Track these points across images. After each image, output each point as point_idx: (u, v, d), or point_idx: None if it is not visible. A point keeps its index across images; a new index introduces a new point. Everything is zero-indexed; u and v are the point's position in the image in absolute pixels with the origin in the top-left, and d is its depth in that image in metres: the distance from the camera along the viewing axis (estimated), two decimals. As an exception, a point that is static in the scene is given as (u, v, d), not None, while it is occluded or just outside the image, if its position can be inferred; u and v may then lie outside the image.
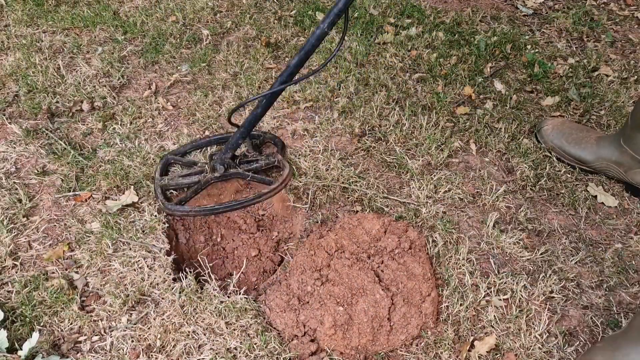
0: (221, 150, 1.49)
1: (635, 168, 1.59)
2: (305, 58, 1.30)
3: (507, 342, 1.29)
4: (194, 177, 1.52)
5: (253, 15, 2.36)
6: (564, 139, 1.71)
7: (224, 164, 1.48)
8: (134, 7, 2.36)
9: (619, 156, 1.61)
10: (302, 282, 1.34)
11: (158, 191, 1.48)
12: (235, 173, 1.51)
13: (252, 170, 1.53)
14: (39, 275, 1.34)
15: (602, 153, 1.64)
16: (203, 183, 1.49)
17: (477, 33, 2.35)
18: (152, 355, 1.21)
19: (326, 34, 1.26)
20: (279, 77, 1.32)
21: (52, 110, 1.81)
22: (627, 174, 1.61)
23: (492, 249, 1.50)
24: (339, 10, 1.22)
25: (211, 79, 2.00)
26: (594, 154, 1.66)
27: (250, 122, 1.41)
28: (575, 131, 1.72)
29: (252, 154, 1.58)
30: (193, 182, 1.51)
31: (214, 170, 1.48)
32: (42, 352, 1.20)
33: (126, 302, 1.30)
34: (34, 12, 2.27)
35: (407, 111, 1.89)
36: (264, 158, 1.57)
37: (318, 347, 1.26)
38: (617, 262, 1.49)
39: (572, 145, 1.69)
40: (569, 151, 1.69)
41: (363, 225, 1.44)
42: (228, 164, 1.48)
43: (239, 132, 1.44)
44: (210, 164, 1.49)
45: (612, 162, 1.63)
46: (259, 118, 1.40)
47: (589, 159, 1.67)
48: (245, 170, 1.52)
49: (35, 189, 1.56)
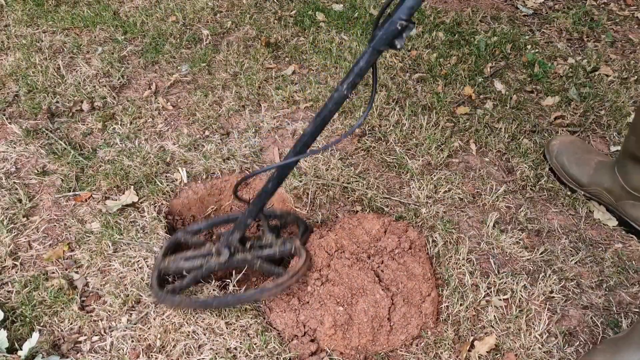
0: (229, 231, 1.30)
1: (624, 199, 1.52)
2: (322, 126, 1.11)
3: (507, 342, 1.29)
4: (197, 260, 1.31)
5: (253, 15, 2.36)
6: (566, 157, 1.65)
7: (230, 248, 1.28)
8: (134, 7, 2.36)
9: (611, 184, 1.54)
10: (302, 282, 1.34)
11: (154, 275, 1.30)
12: (242, 259, 1.30)
13: (263, 258, 1.32)
14: (39, 275, 1.34)
15: (597, 178, 1.57)
16: (205, 270, 1.29)
17: (477, 33, 2.35)
18: (152, 355, 1.21)
19: (346, 97, 1.06)
20: (293, 148, 1.14)
21: (52, 110, 1.81)
22: (618, 204, 1.54)
23: (492, 249, 1.50)
24: (360, 69, 1.02)
25: (211, 79, 2.01)
26: (589, 177, 1.59)
27: (260, 199, 1.22)
28: (580, 151, 1.65)
29: (268, 237, 1.36)
30: (195, 266, 1.31)
31: (219, 254, 1.29)
32: (42, 352, 1.20)
33: (126, 302, 1.30)
34: (34, 12, 2.27)
35: (407, 111, 1.89)
36: (279, 244, 1.34)
37: (318, 347, 1.26)
38: (617, 262, 1.49)
39: (572, 165, 1.63)
40: (568, 170, 1.64)
41: (363, 225, 1.44)
42: (235, 247, 1.29)
43: (247, 211, 1.25)
44: (216, 245, 1.31)
45: (604, 188, 1.56)
46: (270, 194, 1.22)
47: (584, 181, 1.61)
48: (255, 257, 1.30)
49: (35, 189, 1.57)
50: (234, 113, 1.87)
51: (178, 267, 1.32)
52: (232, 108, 1.88)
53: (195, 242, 1.39)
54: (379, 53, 1.01)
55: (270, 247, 1.34)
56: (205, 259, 1.30)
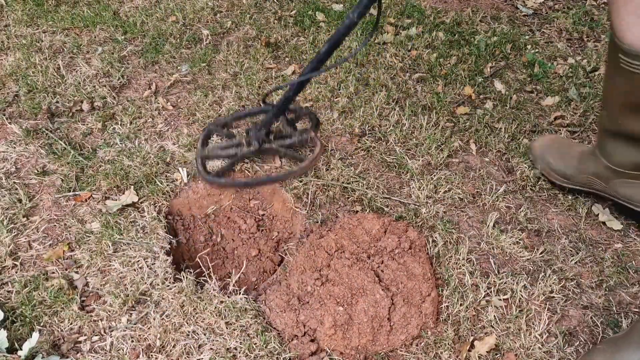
0: (257, 125, 1.55)
1: (613, 178, 1.52)
2: (335, 46, 1.30)
3: (507, 342, 1.29)
4: (231, 149, 1.57)
5: (253, 15, 2.36)
6: (550, 156, 1.66)
7: (259, 140, 1.52)
8: (134, 7, 2.36)
9: (595, 168, 1.54)
10: (302, 282, 1.34)
11: (198, 162, 1.51)
12: (269, 149, 1.56)
13: (286, 146, 1.57)
14: (39, 275, 1.34)
15: (583, 166, 1.58)
16: (240, 156, 1.57)
17: (477, 33, 2.35)
18: (152, 355, 1.21)
19: (355, 24, 1.25)
20: (309, 64, 1.34)
21: (52, 110, 1.81)
22: (609, 185, 1.54)
23: (492, 249, 1.50)
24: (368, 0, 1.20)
25: (211, 79, 2.00)
26: (575, 168, 1.60)
27: (283, 102, 1.45)
28: (561, 147, 1.68)
29: (287, 130, 1.60)
30: (230, 154, 1.57)
31: (250, 144, 1.54)
32: (42, 352, 1.20)
33: (126, 302, 1.30)
34: (34, 12, 2.27)
35: (407, 111, 1.89)
36: (297, 134, 1.58)
37: (318, 347, 1.26)
38: (617, 262, 1.49)
39: (557, 161, 1.64)
40: (554, 167, 1.64)
41: (363, 225, 1.44)
42: (262, 139, 1.53)
43: (271, 112, 1.49)
44: (246, 138, 1.55)
45: (591, 174, 1.56)
46: (290, 100, 1.44)
47: (571, 173, 1.61)
48: (279, 146, 1.56)
49: (35, 189, 1.56)
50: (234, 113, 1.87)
51: (217, 154, 1.57)
52: (232, 108, 1.88)
53: (226, 133, 1.65)
54: None
55: (290, 138, 1.58)
56: (238, 149, 1.55)
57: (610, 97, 1.39)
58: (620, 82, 1.30)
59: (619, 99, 1.34)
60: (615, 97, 1.36)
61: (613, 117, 1.40)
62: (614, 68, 1.29)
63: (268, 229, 1.63)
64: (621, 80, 1.29)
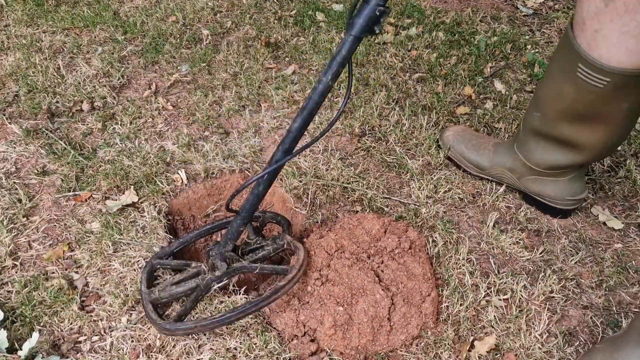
0: (219, 244, 1.26)
1: (527, 175, 1.55)
2: (309, 119, 1.10)
3: (507, 342, 1.29)
4: (190, 282, 1.25)
5: (253, 15, 2.36)
6: (463, 144, 1.68)
7: (225, 259, 1.24)
8: (134, 7, 2.36)
9: (512, 163, 1.58)
10: (302, 282, 1.34)
11: (149, 308, 1.23)
12: (240, 267, 1.25)
13: (259, 260, 1.30)
14: (39, 275, 1.34)
15: (498, 160, 1.61)
16: (204, 287, 1.23)
17: (477, 33, 2.35)
18: (152, 355, 1.21)
19: (330, 87, 1.07)
20: (280, 146, 1.12)
21: (52, 110, 1.81)
22: (520, 181, 1.58)
23: (492, 249, 1.50)
24: (342, 58, 1.05)
25: (211, 79, 2.01)
26: (490, 160, 1.63)
27: (252, 204, 1.19)
28: (474, 138, 1.70)
29: (255, 240, 1.33)
30: (190, 288, 1.24)
31: (214, 268, 1.23)
32: (42, 352, 1.20)
33: (126, 302, 1.30)
34: (34, 12, 2.27)
35: (407, 111, 1.89)
36: (270, 243, 1.33)
37: (318, 347, 1.26)
38: (617, 262, 1.49)
39: (471, 151, 1.66)
40: (467, 157, 1.67)
41: (363, 225, 1.44)
42: (230, 257, 1.25)
43: (239, 218, 1.22)
44: (208, 262, 1.26)
45: (506, 168, 1.59)
46: (261, 198, 1.19)
47: (485, 165, 1.64)
48: (251, 261, 1.28)
49: (35, 189, 1.57)
50: (234, 113, 1.87)
51: (172, 294, 1.25)
52: (232, 108, 1.88)
53: (176, 265, 1.34)
54: (359, 40, 1.05)
55: (262, 249, 1.32)
56: (199, 278, 1.25)
57: (551, 102, 1.36)
58: (570, 90, 1.28)
59: (561, 105, 1.33)
60: (557, 104, 1.34)
61: (547, 120, 1.40)
62: (565, 76, 1.27)
63: (268, 229, 1.63)
64: (571, 89, 1.28)
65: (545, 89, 1.38)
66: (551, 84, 1.35)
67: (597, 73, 1.19)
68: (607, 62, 1.16)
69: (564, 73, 1.28)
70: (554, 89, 1.34)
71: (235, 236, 1.24)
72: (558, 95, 1.33)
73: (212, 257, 1.25)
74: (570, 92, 1.28)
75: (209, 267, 1.25)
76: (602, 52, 1.16)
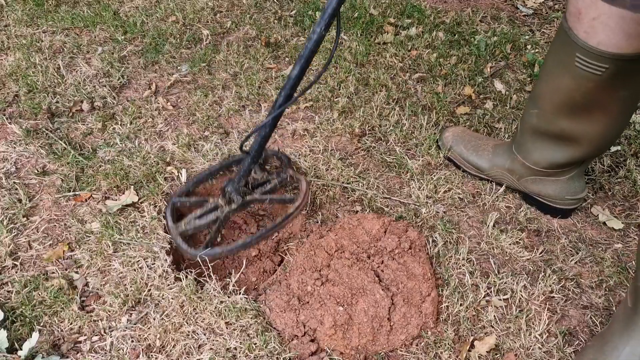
0: (233, 180, 1.41)
1: (526, 176, 1.56)
2: (306, 66, 1.23)
3: (507, 342, 1.29)
4: (210, 215, 1.42)
5: (253, 15, 2.36)
6: (463, 146, 1.69)
7: (240, 193, 1.40)
8: (134, 7, 2.36)
9: (511, 164, 1.58)
10: (302, 282, 1.34)
11: (179, 241, 1.39)
12: (253, 199, 1.43)
13: (268, 192, 1.47)
14: (39, 275, 1.34)
15: (497, 161, 1.61)
16: (223, 218, 1.41)
17: (477, 33, 2.35)
18: (152, 355, 1.21)
19: (323, 36, 1.20)
20: (282, 92, 1.25)
21: (52, 110, 1.81)
22: (520, 182, 1.59)
23: (492, 249, 1.50)
24: (332, 10, 1.19)
25: (211, 79, 2.01)
26: (489, 161, 1.63)
27: (260, 144, 1.35)
28: (474, 139, 1.70)
29: (262, 176, 1.49)
30: (212, 220, 1.41)
31: (231, 202, 1.40)
32: (42, 352, 1.20)
33: (126, 302, 1.30)
34: (34, 12, 2.27)
35: (407, 111, 1.89)
36: (275, 176, 1.49)
37: (318, 347, 1.26)
38: (617, 262, 1.49)
39: (470, 153, 1.66)
40: (467, 158, 1.67)
41: (363, 225, 1.44)
42: (244, 192, 1.41)
43: (249, 158, 1.37)
44: (225, 197, 1.41)
45: (505, 169, 1.60)
46: (267, 139, 1.34)
47: (485, 166, 1.64)
48: (262, 193, 1.45)
49: (35, 189, 1.57)
50: (234, 113, 1.87)
51: (196, 226, 1.41)
52: (232, 108, 1.88)
53: (195, 201, 1.49)
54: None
55: (269, 182, 1.48)
56: (219, 211, 1.41)
57: (549, 96, 1.37)
58: (568, 81, 1.29)
59: (560, 97, 1.33)
60: (555, 96, 1.35)
61: (546, 115, 1.41)
62: (563, 68, 1.28)
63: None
64: (568, 80, 1.28)
65: (543, 85, 1.38)
66: (548, 78, 1.35)
67: (596, 60, 1.20)
68: (606, 48, 1.17)
69: (562, 66, 1.28)
70: (552, 83, 1.34)
71: (247, 173, 1.40)
72: (556, 89, 1.33)
73: (227, 192, 1.40)
74: (568, 84, 1.29)
75: (226, 200, 1.41)
76: (600, 38, 1.17)
